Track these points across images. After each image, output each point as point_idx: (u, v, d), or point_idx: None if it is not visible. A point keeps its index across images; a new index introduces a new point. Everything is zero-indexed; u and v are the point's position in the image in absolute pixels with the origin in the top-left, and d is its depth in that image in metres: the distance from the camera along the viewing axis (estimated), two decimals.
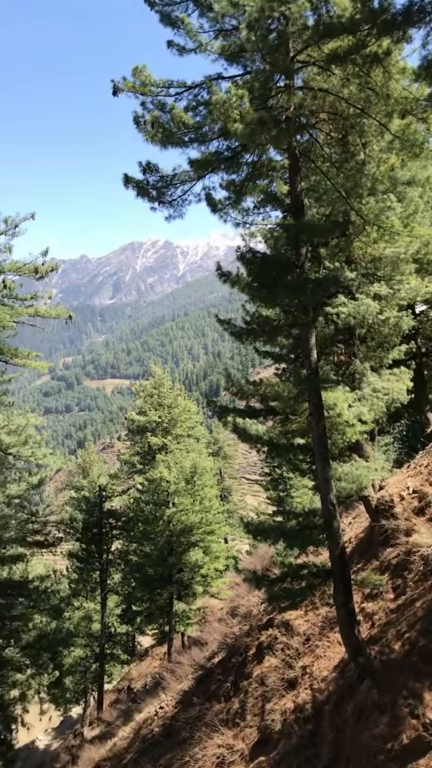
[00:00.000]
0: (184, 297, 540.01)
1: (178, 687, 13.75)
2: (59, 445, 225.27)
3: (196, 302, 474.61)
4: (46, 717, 25.65)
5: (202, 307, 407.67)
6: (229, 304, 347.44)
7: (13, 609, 13.87)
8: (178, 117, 6.63)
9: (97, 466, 37.33)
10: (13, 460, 15.69)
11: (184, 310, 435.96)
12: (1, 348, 15.15)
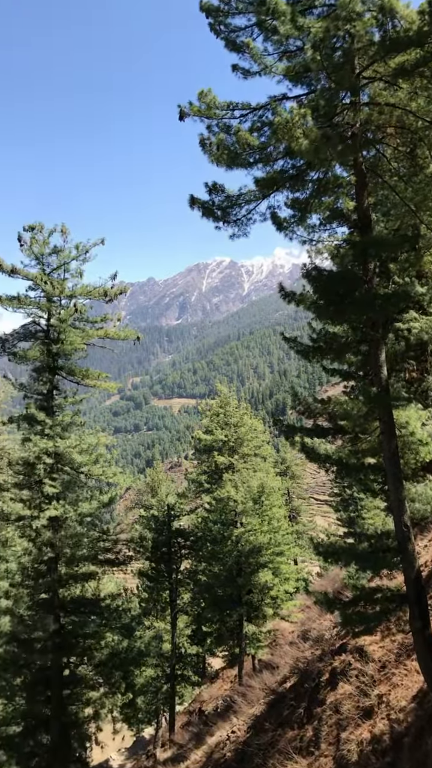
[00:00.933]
0: (249, 316, 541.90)
1: (250, 711, 13.51)
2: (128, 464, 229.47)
3: (261, 321, 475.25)
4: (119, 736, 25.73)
5: (267, 326, 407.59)
6: (294, 321, 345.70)
7: (86, 627, 14.09)
8: (243, 138, 6.71)
9: (165, 485, 37.67)
10: (85, 479, 16.06)
11: (249, 329, 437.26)
12: (73, 369, 15.63)
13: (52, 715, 13.52)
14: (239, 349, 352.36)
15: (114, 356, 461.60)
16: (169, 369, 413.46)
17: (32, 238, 13.86)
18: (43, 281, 14.01)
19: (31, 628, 13.29)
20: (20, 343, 15.48)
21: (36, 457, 14.33)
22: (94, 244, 14.14)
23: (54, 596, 14.27)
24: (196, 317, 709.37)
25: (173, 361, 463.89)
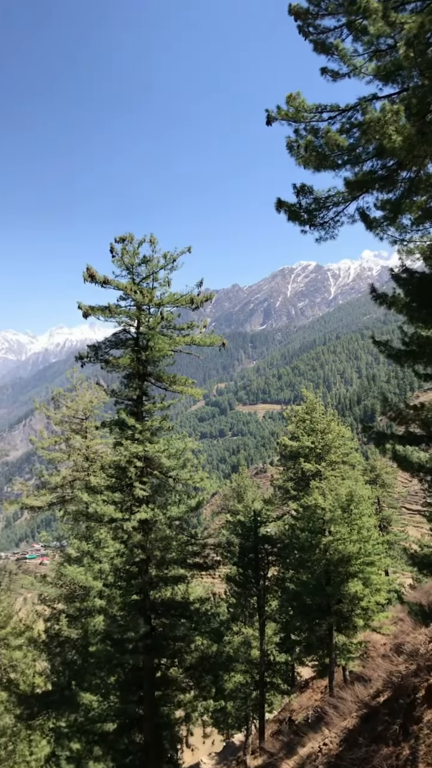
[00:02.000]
0: (336, 320, 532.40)
1: (342, 724, 13.15)
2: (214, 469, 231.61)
3: (348, 325, 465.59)
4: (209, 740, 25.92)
5: (355, 330, 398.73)
6: (383, 325, 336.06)
7: (176, 630, 14.31)
8: (332, 140, 6.62)
9: (251, 491, 37.64)
10: (173, 483, 16.36)
11: (335, 333, 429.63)
12: (161, 375, 15.98)
13: (144, 714, 13.82)
14: (325, 354, 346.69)
15: (199, 362, 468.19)
16: (253, 375, 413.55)
17: (123, 249, 14.34)
18: (133, 291, 14.45)
19: (124, 628, 13.66)
20: (112, 350, 16.03)
21: (127, 461, 14.74)
22: (181, 252, 14.42)
23: (145, 598, 14.61)
24: (280, 322, 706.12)
25: (258, 366, 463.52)
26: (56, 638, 17.94)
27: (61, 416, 24.67)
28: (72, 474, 23.72)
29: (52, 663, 17.97)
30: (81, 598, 18.18)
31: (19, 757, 18.71)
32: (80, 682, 14.19)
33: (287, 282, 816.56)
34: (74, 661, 15.85)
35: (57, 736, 15.30)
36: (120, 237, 14.29)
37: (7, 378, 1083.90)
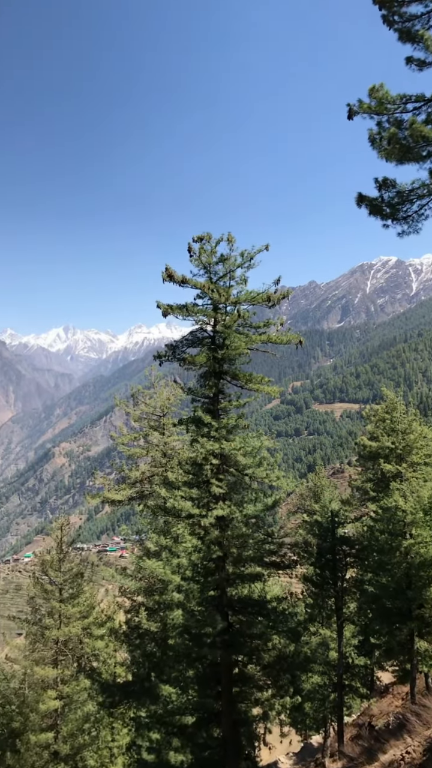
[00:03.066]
0: (418, 317, 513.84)
1: (426, 733, 12.73)
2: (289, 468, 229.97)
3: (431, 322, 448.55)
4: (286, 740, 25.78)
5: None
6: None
7: (253, 627, 14.34)
8: (417, 131, 6.37)
9: (329, 491, 37.06)
10: (249, 481, 16.38)
11: (417, 330, 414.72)
12: (237, 374, 16.02)
13: (222, 710, 13.95)
14: (406, 352, 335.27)
15: (275, 360, 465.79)
16: (330, 373, 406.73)
17: (201, 248, 14.49)
18: (210, 289, 14.58)
19: (201, 623, 13.83)
20: (188, 349, 16.24)
21: (203, 458, 14.90)
22: (259, 250, 14.39)
23: (222, 594, 14.73)
24: (359, 319, 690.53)
25: (335, 364, 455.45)
26: (136, 630, 18.43)
27: (139, 413, 25.25)
28: (150, 469, 24.25)
29: (132, 654, 18.49)
30: (160, 592, 18.57)
31: (102, 743, 19.42)
32: (159, 674, 14.51)
33: (366, 278, 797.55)
34: (153, 653, 16.23)
35: (137, 725, 15.73)
36: (198, 236, 14.44)
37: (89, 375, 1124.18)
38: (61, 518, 24.67)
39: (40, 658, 22.01)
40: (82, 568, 23.72)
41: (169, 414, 24.89)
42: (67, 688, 21.00)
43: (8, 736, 19.91)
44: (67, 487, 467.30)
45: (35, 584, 23.05)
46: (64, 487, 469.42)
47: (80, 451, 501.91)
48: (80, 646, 22.46)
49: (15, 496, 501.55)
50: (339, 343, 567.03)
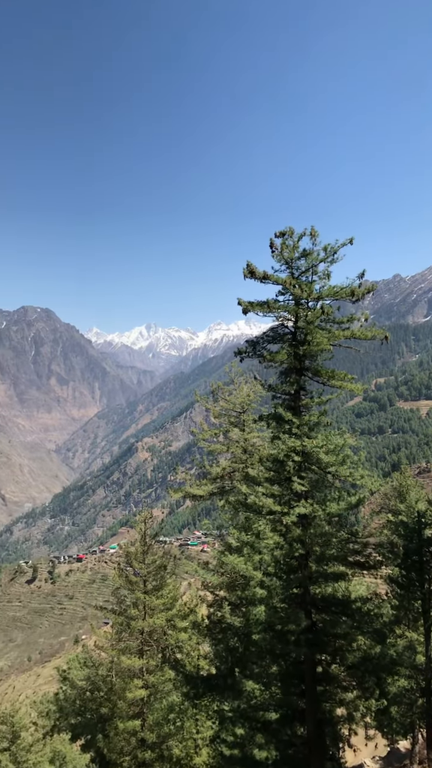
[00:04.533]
0: None
1: None
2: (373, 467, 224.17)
3: None
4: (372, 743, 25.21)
5: None
6: None
7: (337, 627, 14.11)
8: None
9: (415, 491, 35.76)
10: (332, 479, 16.08)
11: None
12: (319, 370, 15.76)
13: (306, 708, 13.85)
14: None
15: (357, 356, 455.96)
16: (416, 369, 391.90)
17: (283, 244, 14.36)
18: (291, 285, 14.43)
19: (285, 620, 13.77)
20: (269, 345, 16.15)
21: (285, 455, 14.79)
22: (343, 244, 14.06)
23: (305, 592, 14.59)
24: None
25: (421, 360, 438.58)
26: (219, 624, 18.59)
27: (219, 409, 25.42)
28: (231, 465, 24.36)
29: (215, 648, 18.67)
30: (242, 587, 18.63)
31: (187, 734, 19.80)
32: (242, 669, 14.58)
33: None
34: (236, 647, 16.32)
35: (221, 718, 15.88)
36: (280, 232, 14.32)
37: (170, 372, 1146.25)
38: (144, 511, 25.27)
39: (126, 648, 22.70)
40: (165, 561, 24.19)
41: (249, 410, 24.90)
42: (153, 678, 21.55)
43: (98, 721, 20.72)
44: (150, 481, 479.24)
45: (120, 575, 23.76)
46: (147, 481, 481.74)
47: (162, 446, 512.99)
48: (164, 638, 22.95)
49: (101, 488, 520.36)
50: (425, 338, 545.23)
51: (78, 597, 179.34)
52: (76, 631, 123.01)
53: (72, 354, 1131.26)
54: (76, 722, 30.34)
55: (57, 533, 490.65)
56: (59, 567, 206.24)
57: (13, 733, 25.73)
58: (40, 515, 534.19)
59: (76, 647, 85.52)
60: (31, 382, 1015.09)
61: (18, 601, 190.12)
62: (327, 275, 14.62)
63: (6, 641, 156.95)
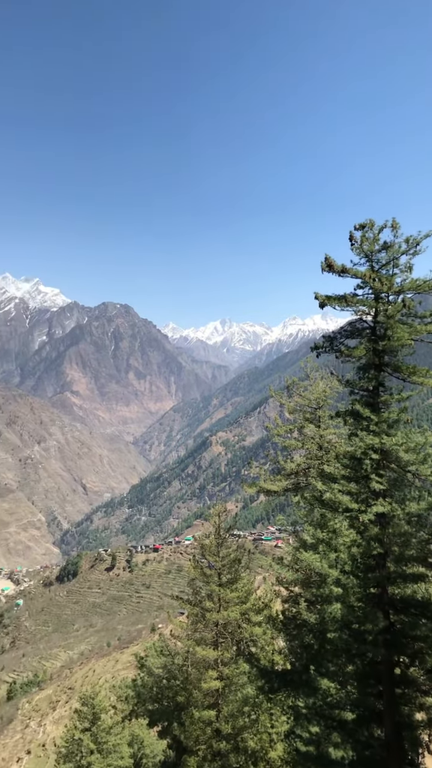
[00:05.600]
0: None
1: None
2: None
3: None
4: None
5: None
6: None
7: (417, 629, 13.70)
8: None
9: None
10: (412, 478, 15.59)
11: None
12: (400, 366, 15.30)
13: (384, 710, 13.58)
14: None
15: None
16: None
17: (362, 236, 14.03)
18: (371, 278, 14.09)
19: (362, 619, 13.56)
20: (346, 340, 15.85)
21: (362, 453, 14.50)
22: (426, 235, 13.54)
23: (383, 592, 14.28)
24: None
25: None
26: (294, 620, 18.54)
27: (294, 405, 25.25)
28: (306, 461, 24.17)
29: (290, 644, 18.65)
30: (317, 584, 18.48)
31: (262, 727, 19.92)
32: (318, 667, 14.47)
33: None
34: (311, 644, 16.22)
35: (296, 715, 15.85)
36: (360, 224, 14.01)
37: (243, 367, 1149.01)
38: (218, 505, 25.53)
39: (201, 639, 23.08)
40: (239, 555, 24.36)
41: (324, 406, 24.59)
42: (227, 669, 21.79)
43: (174, 709, 21.23)
44: (224, 475, 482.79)
45: (195, 567, 24.15)
46: (221, 475, 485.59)
47: (235, 441, 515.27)
48: (239, 631, 23.15)
49: (176, 481, 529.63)
50: None
51: (154, 586, 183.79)
52: (153, 620, 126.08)
53: (149, 349, 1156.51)
54: (153, 708, 31.20)
55: (134, 523, 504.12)
56: (136, 556, 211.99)
57: (94, 715, 26.80)
58: (118, 505, 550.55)
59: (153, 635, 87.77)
60: (111, 376, 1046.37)
61: (98, 588, 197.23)
62: (409, 268, 14.18)
63: (87, 626, 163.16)
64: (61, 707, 74.25)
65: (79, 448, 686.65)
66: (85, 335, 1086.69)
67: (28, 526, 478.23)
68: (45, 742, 62.88)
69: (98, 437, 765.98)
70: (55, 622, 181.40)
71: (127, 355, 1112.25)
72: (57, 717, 70.11)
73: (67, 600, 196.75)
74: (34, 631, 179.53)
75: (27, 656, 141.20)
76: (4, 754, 63.36)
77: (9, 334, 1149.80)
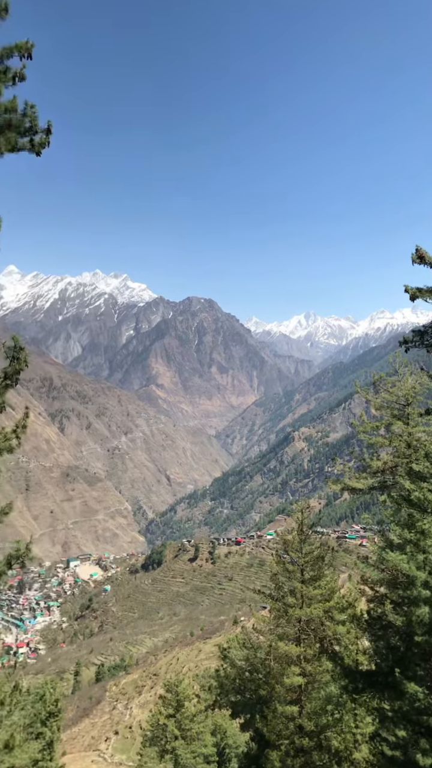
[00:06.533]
0: None
1: None
2: None
3: None
4: None
5: None
6: None
7: None
8: None
9: None
10: None
11: None
12: None
13: None
14: None
15: None
16: None
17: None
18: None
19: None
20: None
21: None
22: None
23: None
24: None
25: None
26: (379, 621, 18.12)
27: (381, 401, 24.63)
28: (393, 460, 23.56)
29: (375, 644, 18.26)
30: (404, 586, 17.98)
31: (346, 727, 19.69)
32: (404, 670, 14.09)
33: None
34: (398, 647, 15.81)
35: (381, 717, 15.55)
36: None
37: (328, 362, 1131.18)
38: (301, 501, 25.39)
39: (283, 634, 23.08)
40: (322, 552, 24.12)
41: (414, 403, 23.82)
42: (310, 666, 21.68)
43: (257, 702, 21.40)
44: (306, 471, 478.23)
45: (278, 562, 24.16)
46: (304, 471, 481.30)
47: (319, 437, 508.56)
48: (322, 628, 22.93)
49: (258, 475, 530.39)
50: None
51: (236, 579, 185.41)
52: (235, 612, 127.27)
53: (232, 343, 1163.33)
54: (235, 700, 31.59)
55: (216, 515, 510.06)
56: (219, 548, 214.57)
57: (178, 702, 27.54)
58: (201, 497, 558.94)
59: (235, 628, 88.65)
60: (194, 370, 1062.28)
61: (181, 578, 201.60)
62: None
63: (170, 614, 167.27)
64: (146, 692, 76.71)
65: (164, 440, 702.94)
66: (170, 330, 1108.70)
67: (115, 514, 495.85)
68: (131, 725, 65.26)
69: (181, 430, 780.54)
70: (141, 609, 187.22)
71: (210, 349, 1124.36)
72: (143, 701, 72.52)
73: (152, 588, 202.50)
74: (120, 616, 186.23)
75: (114, 640, 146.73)
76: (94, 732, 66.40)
77: (99, 329, 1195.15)
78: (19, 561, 10.45)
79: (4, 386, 8.56)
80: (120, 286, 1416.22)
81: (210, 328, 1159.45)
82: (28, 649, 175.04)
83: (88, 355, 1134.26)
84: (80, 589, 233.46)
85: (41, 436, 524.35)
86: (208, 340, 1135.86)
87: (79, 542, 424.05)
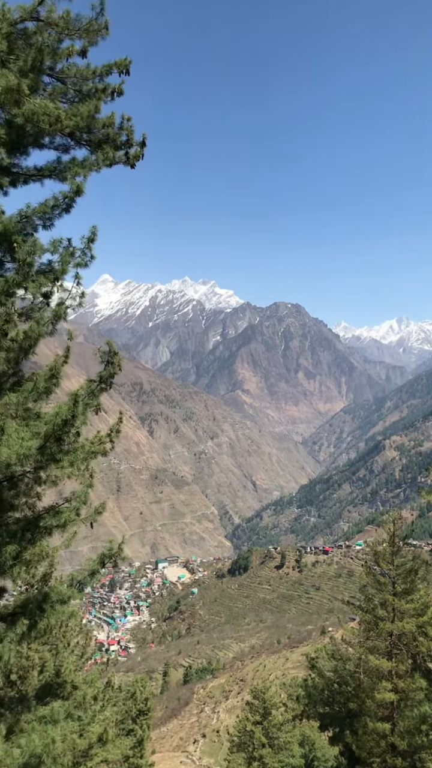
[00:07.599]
0: None
1: None
2: None
3: None
4: None
5: None
6: None
7: None
8: None
9: None
10: None
11: None
12: None
13: None
14: None
15: None
16: None
17: None
18: None
19: None
20: None
21: None
22: None
23: None
24: None
25: None
26: None
27: None
28: None
29: None
30: None
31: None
32: None
33: None
34: None
35: None
36: None
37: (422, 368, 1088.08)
38: (393, 511, 24.56)
39: (373, 647, 22.34)
40: (415, 565, 23.18)
41: None
42: (402, 683, 20.82)
43: (346, 715, 20.84)
44: (398, 481, 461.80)
45: (368, 574, 23.44)
46: (395, 481, 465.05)
47: (411, 446, 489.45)
48: (414, 644, 22.01)
49: (346, 484, 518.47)
50: None
51: (324, 588, 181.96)
52: (323, 622, 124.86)
53: (319, 348, 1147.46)
54: (324, 712, 30.86)
55: (303, 523, 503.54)
56: (306, 557, 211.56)
57: (265, 709, 27.34)
58: (287, 504, 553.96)
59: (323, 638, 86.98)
60: (281, 376, 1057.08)
61: (267, 585, 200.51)
62: None
63: (257, 621, 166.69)
64: (233, 697, 76.87)
65: (249, 446, 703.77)
66: (257, 335, 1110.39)
67: (202, 518, 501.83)
68: (219, 729, 65.58)
69: (267, 436, 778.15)
70: (227, 614, 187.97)
71: (297, 354, 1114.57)
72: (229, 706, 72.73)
73: (238, 593, 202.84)
74: (207, 620, 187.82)
75: (201, 644, 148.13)
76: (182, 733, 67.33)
77: (187, 335, 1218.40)
78: (111, 560, 10.77)
79: (99, 389, 8.89)
80: (208, 293, 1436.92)
81: (297, 333, 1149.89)
82: (119, 647, 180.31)
83: (176, 361, 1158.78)
84: (168, 590, 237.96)
85: (132, 439, 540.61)
86: (294, 345, 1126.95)
87: (167, 544, 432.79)
